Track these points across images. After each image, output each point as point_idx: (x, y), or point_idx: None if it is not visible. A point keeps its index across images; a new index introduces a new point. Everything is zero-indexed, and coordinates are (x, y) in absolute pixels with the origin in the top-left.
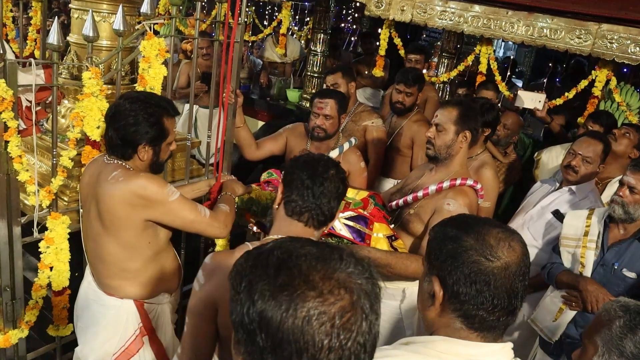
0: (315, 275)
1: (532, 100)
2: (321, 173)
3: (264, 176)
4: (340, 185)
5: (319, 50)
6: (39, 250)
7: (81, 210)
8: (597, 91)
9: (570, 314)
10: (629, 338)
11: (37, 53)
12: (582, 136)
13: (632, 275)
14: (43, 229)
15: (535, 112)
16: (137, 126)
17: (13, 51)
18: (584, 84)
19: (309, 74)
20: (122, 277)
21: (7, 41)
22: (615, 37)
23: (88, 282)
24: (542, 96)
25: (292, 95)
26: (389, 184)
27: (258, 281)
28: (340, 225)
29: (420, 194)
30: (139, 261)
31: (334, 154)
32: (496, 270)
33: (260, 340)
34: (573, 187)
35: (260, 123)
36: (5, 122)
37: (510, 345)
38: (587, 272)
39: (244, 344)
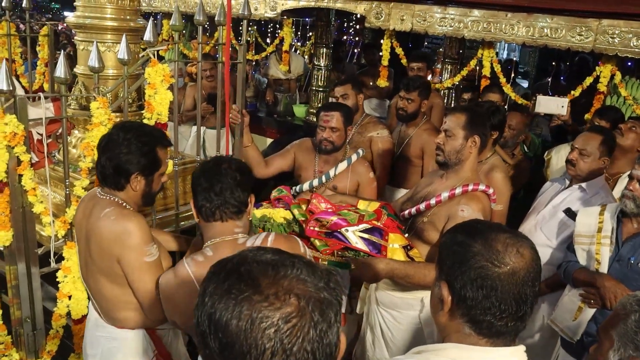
0: (264, 280)
1: (554, 105)
2: (214, 172)
3: (274, 194)
4: (236, 174)
5: (322, 65)
6: (57, 279)
7: (77, 246)
8: (602, 87)
9: (589, 312)
10: None
11: (46, 86)
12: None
13: None
14: (60, 258)
15: (559, 117)
16: (130, 155)
17: (23, 86)
18: (588, 80)
19: (313, 88)
20: (128, 309)
21: (17, 76)
22: (617, 32)
23: (95, 319)
24: (564, 100)
25: (299, 110)
26: (400, 193)
27: (210, 285)
28: (355, 238)
29: (432, 201)
30: None
31: (342, 166)
32: (503, 276)
33: (211, 342)
34: (583, 184)
35: (269, 140)
36: (17, 156)
37: (522, 348)
38: (603, 268)
39: (201, 348)
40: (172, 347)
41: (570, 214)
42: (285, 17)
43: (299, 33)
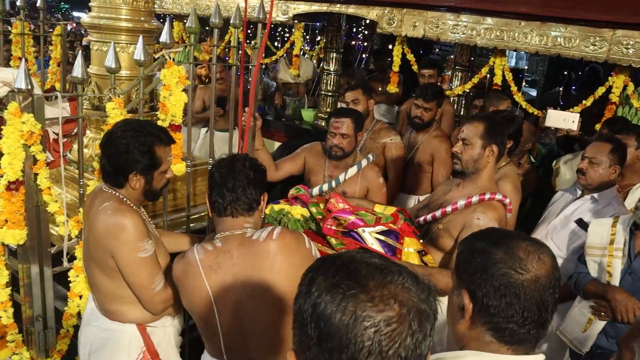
0: (371, 282)
1: (564, 120)
2: (228, 169)
3: (292, 192)
4: (249, 172)
5: (332, 69)
6: (69, 279)
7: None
8: (614, 97)
9: (599, 325)
10: None
11: (57, 85)
12: None
13: None
14: (72, 258)
15: (569, 133)
16: (127, 154)
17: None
18: (601, 91)
19: (322, 93)
20: (120, 302)
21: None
22: (631, 43)
23: (91, 308)
24: (575, 115)
25: (307, 114)
26: (411, 200)
27: (318, 276)
28: (372, 239)
29: (449, 209)
30: None
31: (352, 171)
32: (526, 283)
33: (310, 330)
34: (595, 195)
35: (277, 144)
36: (34, 155)
37: (542, 357)
38: (615, 281)
39: (297, 334)
40: (163, 347)
41: (582, 224)
42: (296, 21)
43: (307, 37)
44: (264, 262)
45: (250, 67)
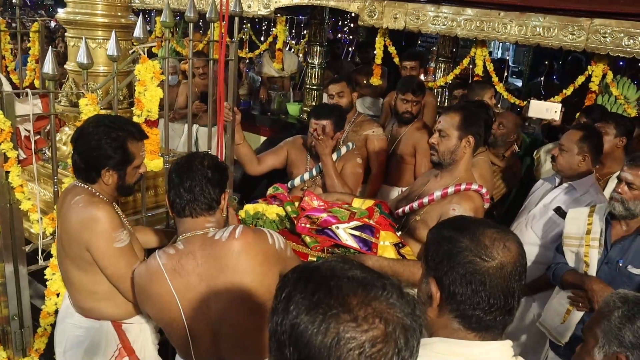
0: (353, 299)
1: (547, 110)
2: (185, 169)
3: (270, 191)
4: (207, 172)
5: (316, 63)
6: (45, 277)
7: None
8: (594, 86)
9: (578, 315)
10: (627, 328)
11: (37, 82)
12: None
13: (637, 272)
14: (48, 256)
15: (551, 123)
16: (99, 151)
17: (12, 82)
18: (580, 80)
19: (307, 86)
20: (94, 299)
21: (8, 73)
22: (609, 31)
23: (66, 305)
24: (557, 106)
25: (293, 108)
26: (394, 192)
27: (297, 294)
28: (346, 235)
29: (425, 200)
30: (107, 283)
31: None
32: (491, 271)
33: (288, 353)
34: (573, 183)
35: (263, 138)
36: (4, 152)
37: (509, 343)
38: (592, 271)
39: (274, 354)
40: (138, 342)
41: (561, 212)
42: (278, 14)
43: (293, 31)
44: (228, 262)
45: (229, 61)
